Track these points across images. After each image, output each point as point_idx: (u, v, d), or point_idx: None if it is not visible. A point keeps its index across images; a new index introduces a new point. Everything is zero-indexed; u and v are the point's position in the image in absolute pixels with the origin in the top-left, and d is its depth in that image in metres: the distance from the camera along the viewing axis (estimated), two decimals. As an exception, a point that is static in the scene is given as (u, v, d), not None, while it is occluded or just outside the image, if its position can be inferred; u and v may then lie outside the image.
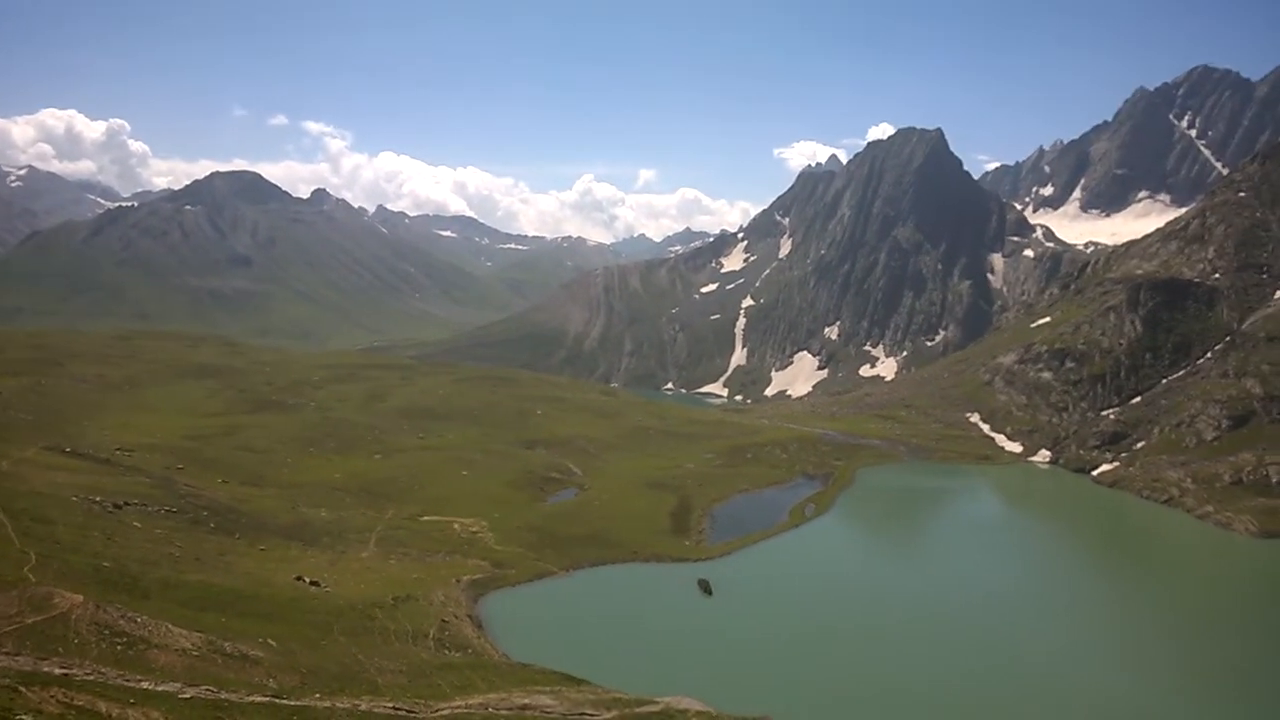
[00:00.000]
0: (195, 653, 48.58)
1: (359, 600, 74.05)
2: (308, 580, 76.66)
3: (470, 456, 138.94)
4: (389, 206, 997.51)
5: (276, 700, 41.34)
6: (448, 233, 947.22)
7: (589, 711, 51.84)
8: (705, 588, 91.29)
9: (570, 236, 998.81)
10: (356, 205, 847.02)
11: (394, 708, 45.36)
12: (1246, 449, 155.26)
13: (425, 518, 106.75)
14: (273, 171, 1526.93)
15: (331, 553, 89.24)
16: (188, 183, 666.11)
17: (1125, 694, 72.37)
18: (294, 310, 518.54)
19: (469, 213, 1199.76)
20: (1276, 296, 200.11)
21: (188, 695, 38.04)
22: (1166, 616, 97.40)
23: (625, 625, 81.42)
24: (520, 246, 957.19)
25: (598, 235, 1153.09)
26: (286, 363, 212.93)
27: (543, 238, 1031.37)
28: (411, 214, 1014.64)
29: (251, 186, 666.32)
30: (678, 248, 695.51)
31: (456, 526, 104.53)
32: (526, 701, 52.34)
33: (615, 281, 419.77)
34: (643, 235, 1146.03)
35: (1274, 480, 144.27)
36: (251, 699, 40.49)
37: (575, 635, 77.66)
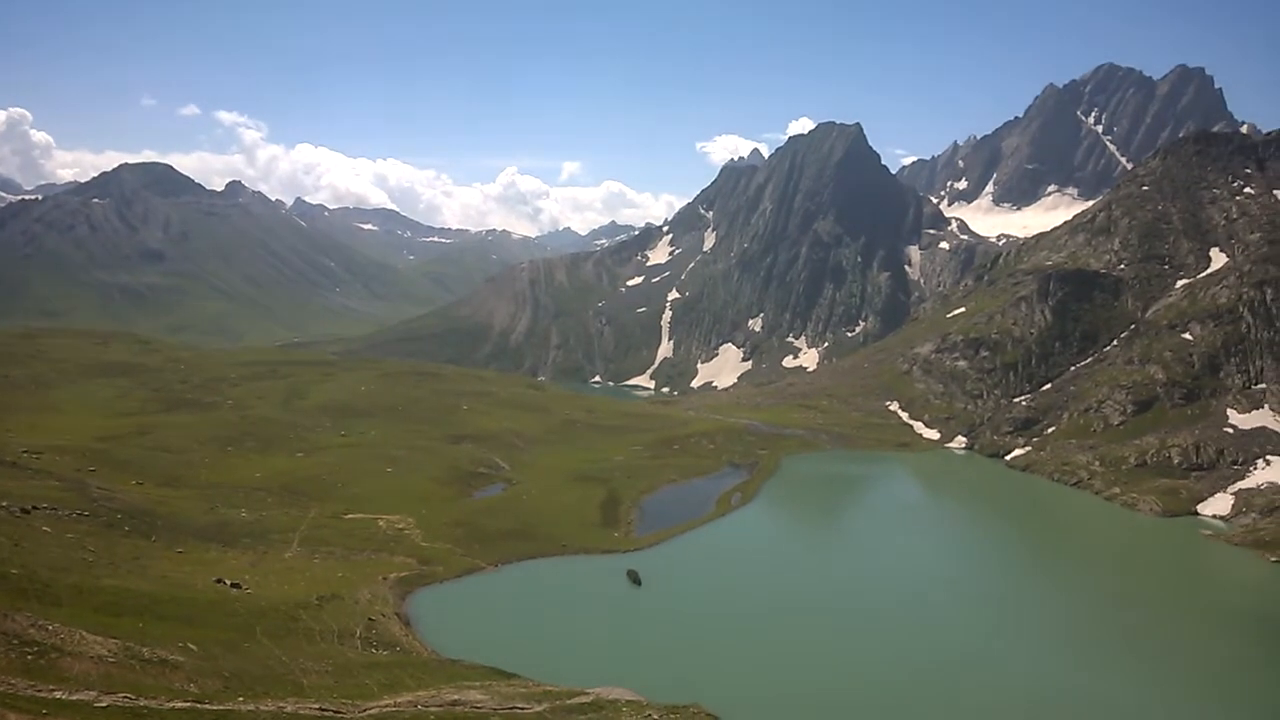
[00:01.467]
0: (111, 660, 47.15)
1: (282, 601, 72.64)
2: (228, 582, 74.88)
3: (395, 453, 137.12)
4: (307, 199, 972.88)
5: (198, 705, 40.48)
6: (369, 226, 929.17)
7: (520, 705, 51.89)
8: (634, 578, 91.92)
9: (495, 230, 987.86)
10: (274, 198, 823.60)
11: (320, 709, 44.78)
12: (1150, 433, 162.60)
13: (350, 516, 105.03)
14: (185, 163, 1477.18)
15: (253, 554, 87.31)
16: (95, 175, 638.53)
17: (1042, 669, 75.24)
18: (209, 306, 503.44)
19: (390, 205, 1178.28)
20: (1177, 286, 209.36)
21: (104, 704, 36.98)
22: (1078, 594, 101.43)
23: (555, 618, 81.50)
24: (444, 240, 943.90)
25: (522, 228, 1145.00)
26: (202, 360, 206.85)
27: (466, 231, 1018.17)
28: (331, 207, 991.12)
29: (163, 179, 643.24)
30: (603, 241, 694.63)
31: (382, 524, 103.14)
32: (456, 697, 52.14)
33: (541, 275, 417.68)
34: (568, 228, 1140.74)
35: (1176, 462, 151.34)
36: (172, 705, 39.56)
37: (505, 630, 77.49)
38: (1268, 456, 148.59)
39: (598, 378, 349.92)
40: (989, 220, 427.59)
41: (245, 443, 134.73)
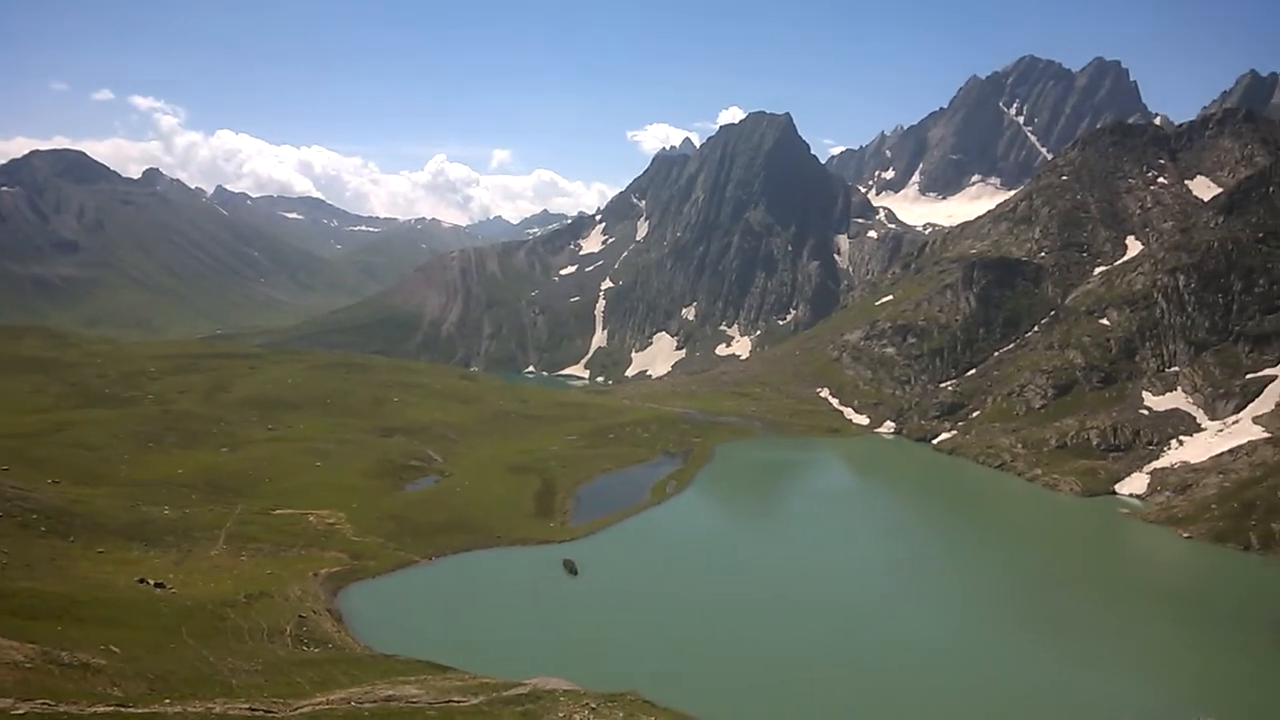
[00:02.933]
0: (28, 665, 45.48)
1: (209, 600, 70.92)
2: (151, 582, 72.81)
3: (324, 446, 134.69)
4: (229, 187, 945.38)
5: (122, 709, 39.28)
6: (294, 214, 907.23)
7: (456, 698, 51.51)
8: (570, 568, 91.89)
9: (424, 218, 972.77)
10: (193, 186, 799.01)
11: (250, 709, 43.83)
12: (1070, 415, 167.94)
13: (278, 511, 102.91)
14: (99, 150, 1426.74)
15: (177, 552, 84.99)
16: (3, 162, 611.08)
17: (971, 648, 77.27)
18: (127, 298, 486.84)
19: (316, 193, 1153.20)
20: (1095, 274, 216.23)
21: (21, 710, 35.65)
22: (1004, 574, 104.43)
23: (491, 610, 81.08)
24: (371, 229, 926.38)
25: (453, 217, 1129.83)
26: (120, 354, 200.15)
27: (395, 219, 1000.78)
28: (254, 195, 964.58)
29: (76, 166, 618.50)
30: (535, 230, 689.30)
31: (312, 519, 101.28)
32: (391, 693, 51.55)
33: (472, 264, 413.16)
34: (499, 217, 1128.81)
35: (1094, 443, 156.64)
36: (94, 710, 38.33)
37: (440, 623, 76.84)
38: (1181, 437, 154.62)
39: (531, 368, 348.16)
40: (915, 209, 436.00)
41: (167, 438, 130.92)
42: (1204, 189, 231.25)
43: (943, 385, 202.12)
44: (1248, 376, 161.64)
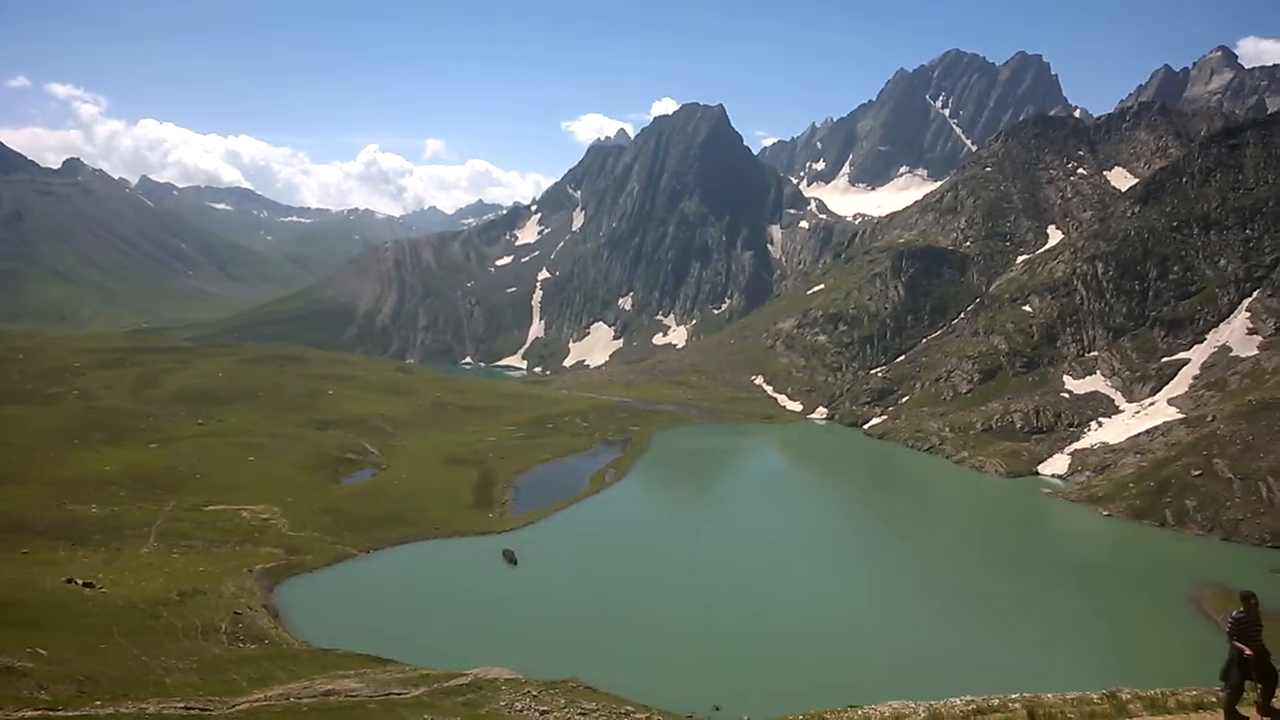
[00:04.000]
0: (-48, 669, 44.49)
1: (140, 599, 69.65)
2: (80, 582, 71.18)
3: (257, 440, 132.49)
4: (154, 177, 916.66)
5: (50, 713, 38.67)
6: (222, 205, 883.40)
7: (396, 691, 51.64)
8: (510, 558, 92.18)
9: (357, 209, 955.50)
10: (116, 176, 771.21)
11: (185, 708, 43.44)
12: (995, 399, 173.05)
13: (210, 507, 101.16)
14: (15, 139, 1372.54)
15: (106, 551, 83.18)
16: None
17: (905, 626, 79.52)
18: (48, 291, 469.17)
19: (245, 184, 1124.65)
20: (1018, 262, 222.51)
21: (-53, 715, 35.00)
22: (934, 554, 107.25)
23: (431, 602, 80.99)
24: (303, 219, 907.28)
25: (386, 208, 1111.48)
26: (43, 348, 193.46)
27: (327, 210, 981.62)
28: (180, 185, 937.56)
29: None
30: (470, 220, 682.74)
31: (246, 514, 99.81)
32: (331, 687, 51.44)
33: (407, 255, 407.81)
34: (433, 208, 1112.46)
35: (1018, 426, 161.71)
36: (21, 714, 37.68)
37: (379, 616, 76.49)
38: (1099, 419, 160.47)
39: (468, 359, 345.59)
40: (846, 200, 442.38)
41: (93, 435, 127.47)
42: (1121, 180, 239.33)
43: (873, 372, 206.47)
44: (1163, 360, 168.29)
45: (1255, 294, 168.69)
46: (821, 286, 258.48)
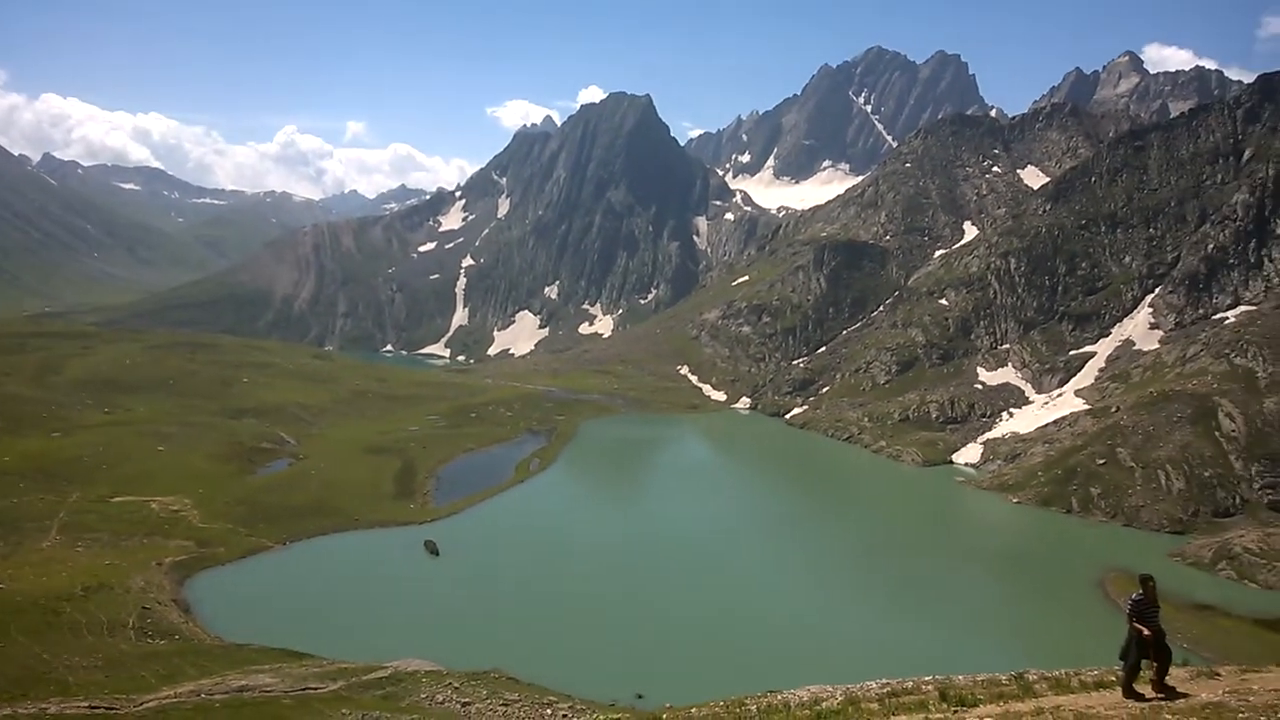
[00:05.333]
0: None
1: (42, 594, 67.07)
2: (-25, 578, 68.20)
3: (167, 430, 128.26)
4: (57, 155, 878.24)
5: (-55, 712, 37.12)
6: (130, 185, 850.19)
7: (313, 685, 50.76)
8: (432, 549, 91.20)
9: (274, 191, 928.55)
10: (16, 153, 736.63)
11: (90, 707, 42.06)
12: (911, 390, 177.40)
13: (117, 499, 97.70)
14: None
15: (4, 545, 79.81)
16: None
17: (825, 613, 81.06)
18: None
19: (154, 163, 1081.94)
20: (935, 256, 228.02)
21: None
22: (853, 541, 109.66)
23: (350, 594, 79.61)
24: (217, 201, 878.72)
25: (304, 190, 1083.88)
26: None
27: (242, 192, 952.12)
28: (86, 164, 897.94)
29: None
30: (393, 205, 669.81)
31: (155, 506, 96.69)
32: (244, 683, 50.33)
33: (326, 240, 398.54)
34: (354, 191, 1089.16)
35: (934, 416, 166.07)
36: (-87, 715, 36.10)
37: (296, 610, 74.95)
38: (1011, 409, 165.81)
39: (389, 347, 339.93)
40: (770, 193, 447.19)
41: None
42: (1034, 178, 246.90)
43: (795, 362, 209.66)
44: (1070, 353, 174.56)
45: (1157, 290, 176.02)
46: (746, 278, 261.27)
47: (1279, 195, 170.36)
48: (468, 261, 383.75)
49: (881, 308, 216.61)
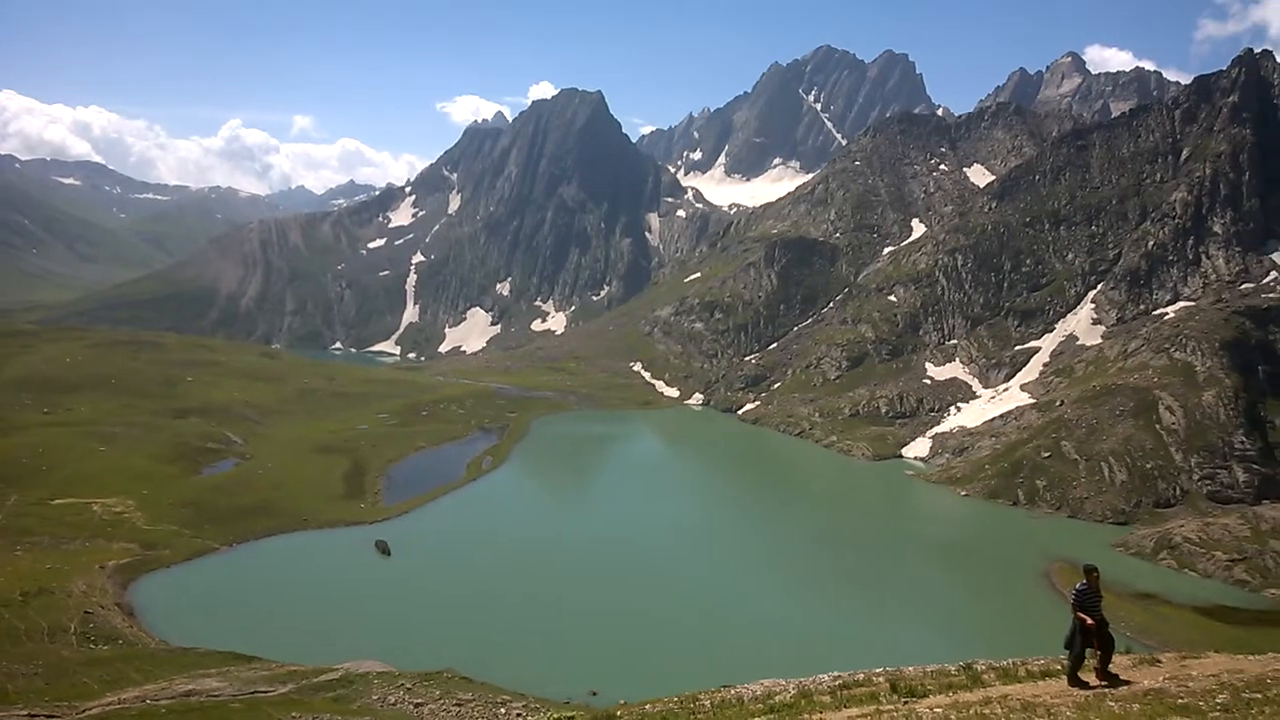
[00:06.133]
0: None
1: (-22, 600, 65.13)
2: (-93, 584, 66.04)
3: (109, 430, 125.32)
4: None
5: (-124, 724, 35.93)
6: (70, 180, 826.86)
7: (262, 689, 50.02)
8: (383, 549, 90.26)
9: (219, 187, 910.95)
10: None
11: (30, 715, 41.00)
12: (861, 385, 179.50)
13: (58, 501, 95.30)
14: None
15: (-63, 550, 77.32)
16: None
17: (778, 605, 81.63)
18: None
19: (95, 158, 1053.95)
20: (884, 253, 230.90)
21: None
22: (806, 535, 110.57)
23: (299, 596, 78.50)
24: (160, 197, 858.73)
25: (250, 186, 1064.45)
26: None
27: (186, 188, 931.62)
28: (23, 158, 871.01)
29: None
30: (341, 201, 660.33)
31: (97, 508, 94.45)
32: (191, 687, 49.42)
33: (273, 236, 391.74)
34: (301, 187, 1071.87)
35: (883, 411, 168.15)
36: None
37: (244, 612, 73.66)
38: (959, 404, 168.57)
39: (338, 344, 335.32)
40: (721, 190, 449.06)
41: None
42: (980, 176, 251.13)
43: (747, 358, 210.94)
44: (1016, 348, 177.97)
45: (1100, 287, 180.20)
46: (698, 275, 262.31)
47: (1216, 194, 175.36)
48: (418, 258, 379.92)
49: (832, 304, 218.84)
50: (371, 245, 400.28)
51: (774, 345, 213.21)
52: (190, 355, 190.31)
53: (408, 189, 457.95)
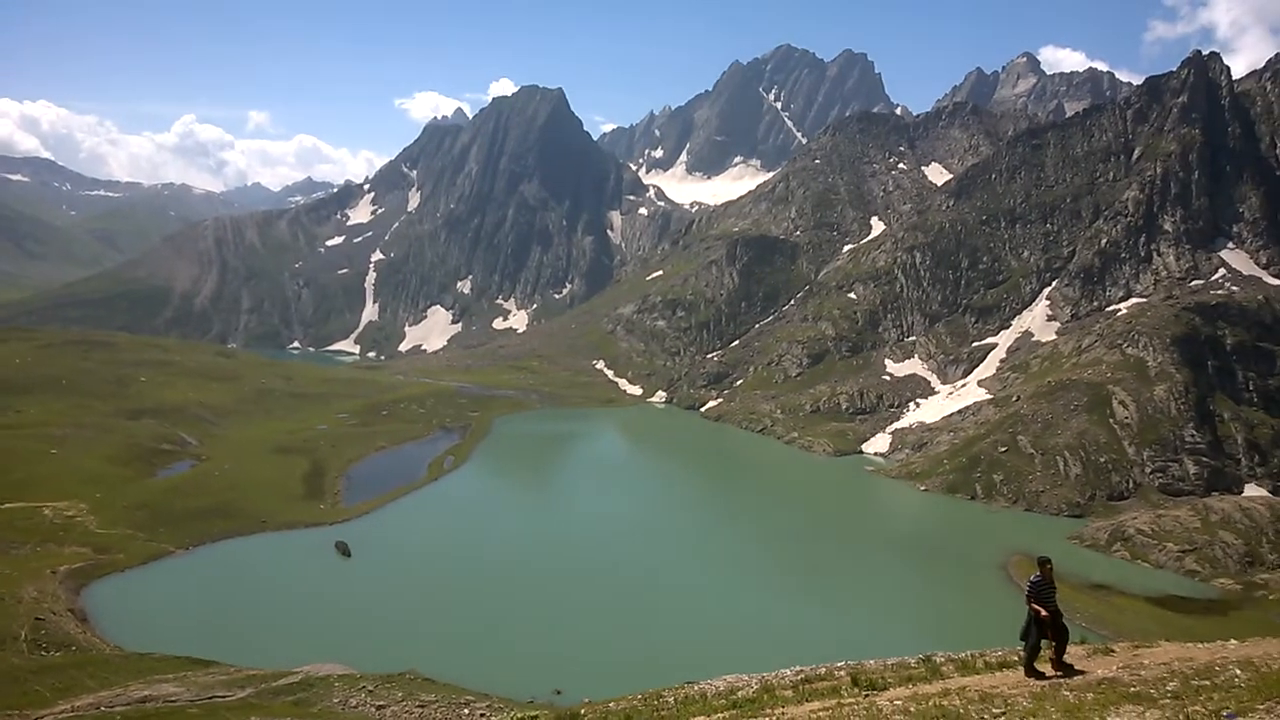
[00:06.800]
0: None
1: (-77, 608, 63.48)
2: None
3: (60, 432, 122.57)
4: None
5: None
6: (18, 176, 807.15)
7: (220, 693, 49.29)
8: (343, 550, 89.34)
9: (172, 183, 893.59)
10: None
11: (-20, 723, 40.07)
12: (822, 382, 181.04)
13: (7, 505, 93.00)
14: None
15: (-120, 557, 75.23)
16: None
17: (743, 600, 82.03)
18: None
19: (44, 154, 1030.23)
20: (844, 251, 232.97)
21: None
22: (769, 530, 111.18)
23: (258, 599, 77.38)
24: (111, 194, 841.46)
25: (205, 183, 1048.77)
26: None
27: (139, 184, 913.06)
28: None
29: None
30: (298, 198, 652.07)
31: (48, 512, 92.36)
32: (147, 693, 48.58)
33: (229, 233, 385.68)
34: (258, 184, 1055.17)
35: (844, 407, 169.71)
36: None
37: (202, 616, 72.49)
38: (918, 400, 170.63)
39: (296, 344, 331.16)
40: (683, 188, 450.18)
41: None
42: (937, 174, 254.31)
43: (709, 356, 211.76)
44: (973, 344, 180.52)
45: (1054, 284, 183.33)
46: (660, 273, 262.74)
47: (1166, 193, 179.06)
48: (377, 256, 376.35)
49: (793, 301, 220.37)
50: (330, 243, 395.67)
51: (736, 343, 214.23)
52: (143, 355, 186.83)
53: (366, 186, 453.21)
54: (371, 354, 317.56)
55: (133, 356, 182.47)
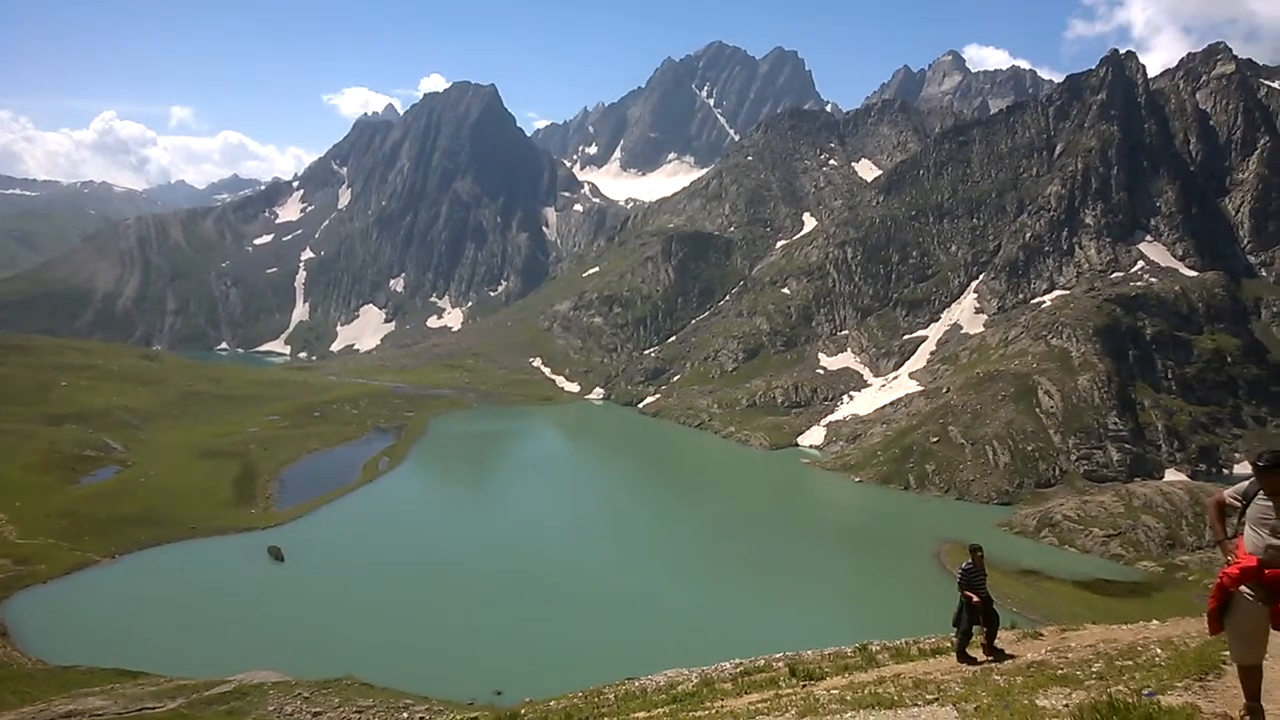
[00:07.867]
0: None
1: None
2: None
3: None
4: None
5: None
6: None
7: (150, 705, 48.09)
8: (276, 555, 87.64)
9: (92, 181, 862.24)
10: None
11: (-108, 745, 38.45)
12: (758, 376, 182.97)
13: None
14: None
15: None
16: None
17: (679, 597, 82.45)
18: None
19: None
20: (777, 247, 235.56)
21: None
22: (706, 525, 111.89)
23: (188, 607, 75.38)
24: (28, 192, 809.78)
25: (126, 180, 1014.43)
26: None
27: (57, 182, 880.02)
28: None
29: None
30: (225, 196, 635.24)
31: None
32: (72, 707, 47.17)
33: (152, 232, 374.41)
34: (182, 181, 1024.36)
35: (779, 401, 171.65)
36: None
37: (129, 626, 70.38)
38: (851, 392, 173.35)
39: (224, 345, 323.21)
40: (618, 184, 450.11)
41: None
42: (868, 170, 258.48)
43: (647, 352, 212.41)
44: (904, 337, 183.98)
45: (981, 277, 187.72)
46: (596, 269, 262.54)
47: (1087, 187, 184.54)
48: (307, 254, 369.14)
49: (728, 297, 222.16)
50: (258, 241, 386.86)
51: (672, 338, 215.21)
52: (64, 359, 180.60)
53: (295, 183, 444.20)
54: (303, 354, 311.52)
55: (53, 360, 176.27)
